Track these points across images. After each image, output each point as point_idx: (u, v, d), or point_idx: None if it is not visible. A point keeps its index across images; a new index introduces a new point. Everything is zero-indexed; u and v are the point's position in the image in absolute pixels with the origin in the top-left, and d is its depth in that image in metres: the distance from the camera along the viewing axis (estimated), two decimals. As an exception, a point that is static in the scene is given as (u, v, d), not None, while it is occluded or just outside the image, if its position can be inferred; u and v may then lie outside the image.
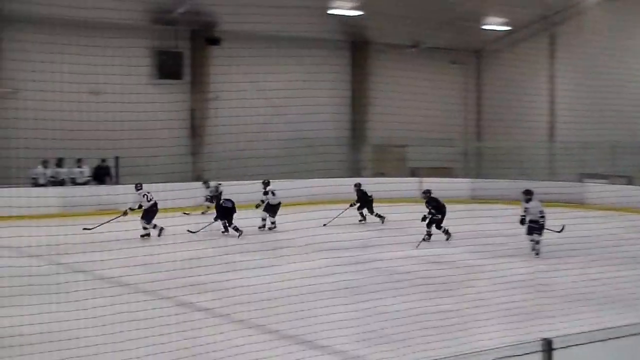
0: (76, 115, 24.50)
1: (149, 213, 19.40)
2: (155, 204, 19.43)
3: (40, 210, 19.41)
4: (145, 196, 19.48)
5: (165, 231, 19.13)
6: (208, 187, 24.75)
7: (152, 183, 20.65)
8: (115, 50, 26.61)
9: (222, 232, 20.15)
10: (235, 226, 20.07)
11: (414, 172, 31.01)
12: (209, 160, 27.60)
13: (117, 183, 25.67)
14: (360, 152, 33.85)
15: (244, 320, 10.26)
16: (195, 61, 30.57)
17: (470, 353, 6.56)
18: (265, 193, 21.09)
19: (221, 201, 20.79)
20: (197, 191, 24.41)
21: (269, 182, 21.35)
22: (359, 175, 31.50)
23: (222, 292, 11.26)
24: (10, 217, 18.67)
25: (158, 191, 19.55)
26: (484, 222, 15.33)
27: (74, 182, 25.90)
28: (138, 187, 19.79)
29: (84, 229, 17.89)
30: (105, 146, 25.00)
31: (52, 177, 25.64)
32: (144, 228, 19.28)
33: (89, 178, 26.25)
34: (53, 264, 14.70)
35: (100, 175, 26.39)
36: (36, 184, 24.91)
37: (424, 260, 15.17)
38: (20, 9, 25.76)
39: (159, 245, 16.39)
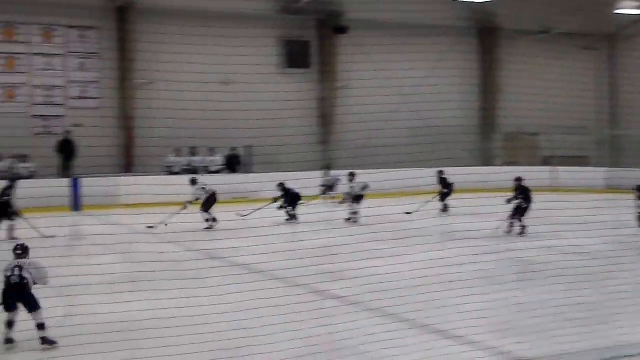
0: (208, 105, 25.22)
1: (208, 203, 19.33)
2: (213, 194, 19.40)
3: (175, 198, 19.94)
4: (203, 189, 19.46)
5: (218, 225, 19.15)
6: (327, 176, 24.65)
7: (282, 172, 20.91)
8: (244, 40, 27.09)
9: (286, 219, 20.27)
10: (294, 213, 20.27)
11: (546, 161, 30.27)
12: (337, 149, 27.71)
13: (249, 171, 25.98)
14: (490, 141, 33.29)
15: (377, 309, 10.24)
16: (322, 50, 30.76)
17: (611, 347, 6.35)
18: (366, 188, 20.74)
19: (288, 187, 20.75)
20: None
21: (354, 174, 21.06)
22: (489, 164, 31.06)
23: (355, 280, 11.32)
24: (147, 204, 19.22)
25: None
26: (621, 213, 14.82)
27: (207, 171, 26.46)
28: (194, 181, 19.79)
29: (148, 226, 18.15)
30: (236, 135, 25.49)
31: (185, 165, 26.28)
32: (206, 220, 19.23)
33: (222, 166, 26.75)
34: (190, 250, 15.10)
35: (233, 164, 26.86)
36: (171, 172, 25.60)
37: (559, 250, 14.81)
38: (153, 2, 26.56)
39: (292, 233, 16.57)
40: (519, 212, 17.74)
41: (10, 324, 8.86)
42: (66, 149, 24.89)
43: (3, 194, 17.31)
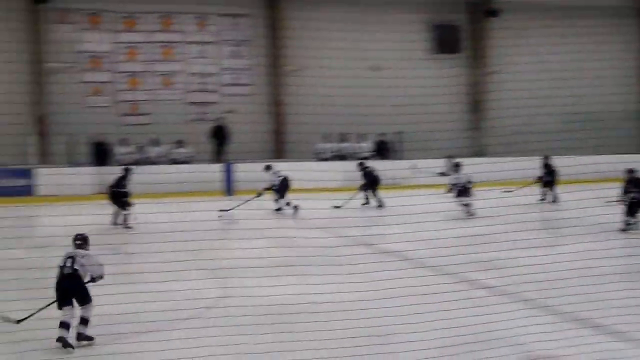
0: (357, 91, 25.27)
1: (280, 190, 19.24)
2: (284, 179, 19.26)
3: (324, 184, 20.10)
4: (274, 174, 19.40)
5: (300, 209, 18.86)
6: (448, 164, 23.89)
7: (432, 159, 20.62)
8: (393, 25, 26.96)
9: (363, 204, 19.91)
10: (379, 199, 19.76)
11: None
12: (489, 135, 27.14)
13: (399, 158, 25.67)
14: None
15: (529, 300, 9.96)
16: (473, 34, 30.14)
17: None
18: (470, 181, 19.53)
19: (368, 169, 20.31)
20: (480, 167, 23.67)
21: (459, 165, 19.54)
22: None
23: (506, 270, 11.03)
24: (297, 189, 19.46)
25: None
26: None
27: (356, 157, 26.40)
28: (267, 168, 19.71)
29: (220, 210, 18.13)
30: (385, 121, 25.39)
31: (335, 151, 26.36)
32: (287, 204, 19.14)
33: (372, 153, 26.62)
34: (338, 236, 15.15)
35: (382, 150, 26.72)
36: (320, 159, 25.76)
37: None
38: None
39: (443, 221, 16.39)
40: (635, 207, 16.17)
41: (63, 325, 8.53)
42: (219, 135, 25.48)
43: (118, 185, 17.50)
